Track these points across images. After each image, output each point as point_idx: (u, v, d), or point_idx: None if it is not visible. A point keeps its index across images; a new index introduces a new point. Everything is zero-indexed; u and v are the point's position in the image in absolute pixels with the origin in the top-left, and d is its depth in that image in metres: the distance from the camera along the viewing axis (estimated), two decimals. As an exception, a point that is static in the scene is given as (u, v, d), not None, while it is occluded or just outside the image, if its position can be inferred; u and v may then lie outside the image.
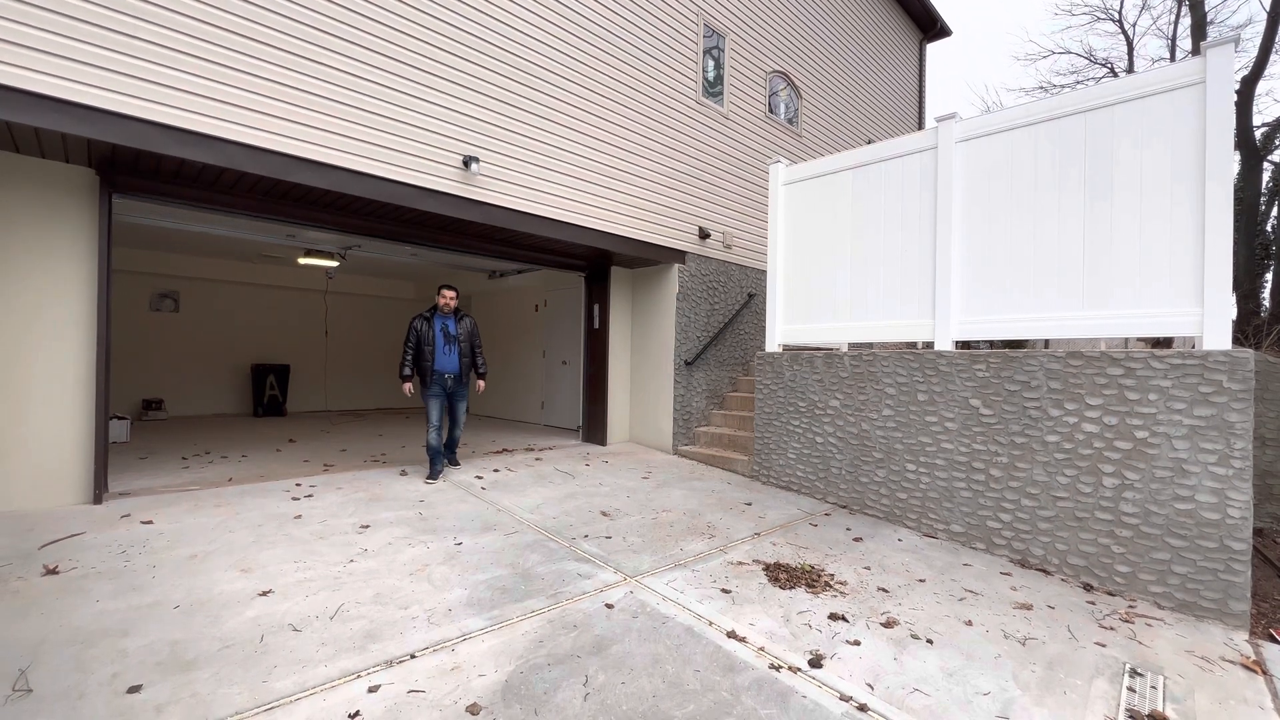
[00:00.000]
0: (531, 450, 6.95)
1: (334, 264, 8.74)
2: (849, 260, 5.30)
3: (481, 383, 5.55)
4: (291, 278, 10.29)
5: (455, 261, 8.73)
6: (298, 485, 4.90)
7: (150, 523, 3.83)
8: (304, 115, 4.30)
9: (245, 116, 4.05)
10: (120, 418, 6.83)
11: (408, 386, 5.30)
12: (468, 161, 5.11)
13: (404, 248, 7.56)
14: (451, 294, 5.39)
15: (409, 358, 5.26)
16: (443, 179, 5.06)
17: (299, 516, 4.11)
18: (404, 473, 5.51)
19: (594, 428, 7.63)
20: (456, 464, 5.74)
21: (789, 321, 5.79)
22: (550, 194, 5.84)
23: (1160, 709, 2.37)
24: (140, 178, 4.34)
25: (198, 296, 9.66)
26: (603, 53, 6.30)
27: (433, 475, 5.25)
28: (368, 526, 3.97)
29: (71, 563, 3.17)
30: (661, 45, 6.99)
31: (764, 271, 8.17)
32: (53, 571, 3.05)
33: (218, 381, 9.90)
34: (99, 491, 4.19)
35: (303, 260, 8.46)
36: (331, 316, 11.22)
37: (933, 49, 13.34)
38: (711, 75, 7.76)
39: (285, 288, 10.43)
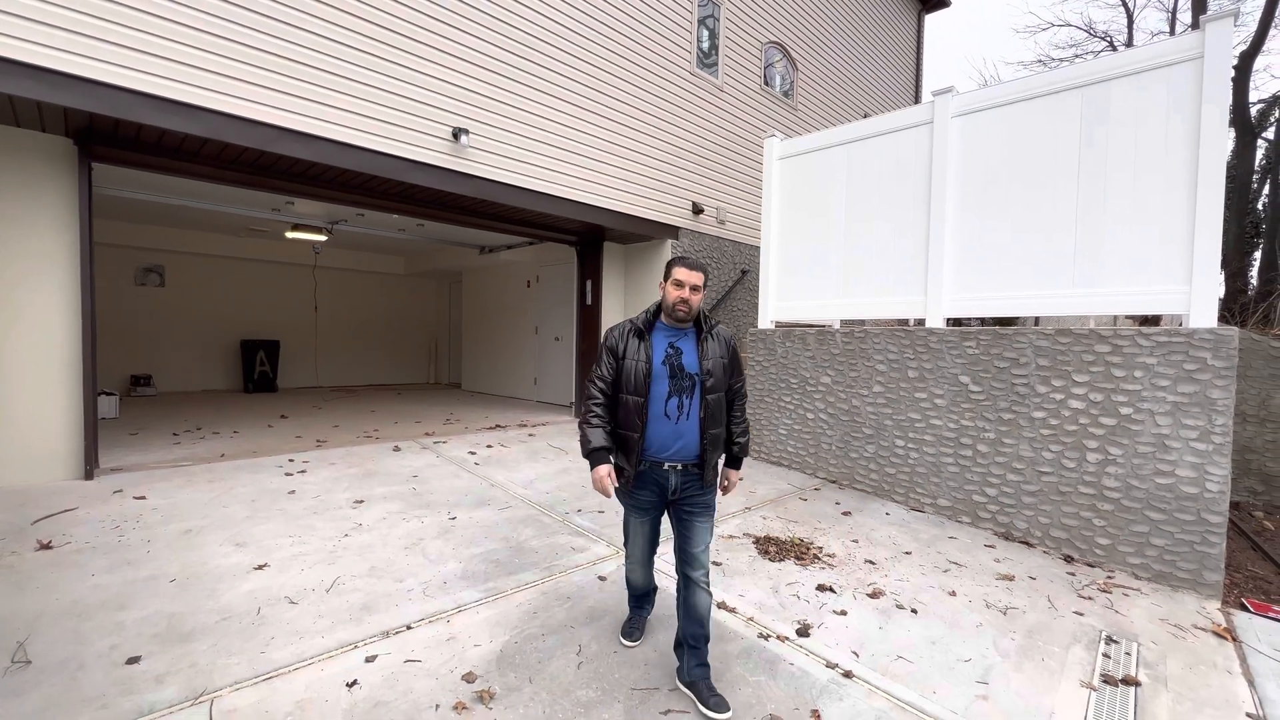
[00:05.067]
0: (524, 426, 6.98)
1: (322, 238, 8.61)
2: (843, 236, 5.28)
3: (736, 475, 2.53)
4: (279, 252, 10.14)
5: (445, 235, 8.63)
6: (291, 461, 4.90)
7: (143, 498, 3.84)
8: (290, 85, 4.19)
9: (229, 85, 3.94)
10: (108, 393, 6.78)
11: (603, 472, 2.24)
12: (457, 133, 5.01)
13: (393, 221, 7.47)
14: (695, 280, 2.33)
15: (596, 409, 2.33)
16: (432, 151, 4.96)
17: (293, 492, 4.12)
18: (397, 448, 5.52)
19: (587, 404, 7.64)
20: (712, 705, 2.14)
21: (782, 298, 5.79)
22: (541, 167, 5.75)
23: (1134, 674, 2.46)
24: (120, 148, 4.22)
25: (184, 271, 9.50)
26: (595, 21, 6.15)
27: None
28: (362, 501, 4.00)
29: (65, 538, 3.18)
30: (654, 13, 6.82)
31: (758, 247, 8.13)
32: (46, 546, 3.06)
33: (207, 357, 9.81)
34: (90, 467, 4.18)
35: (290, 234, 8.33)
36: (321, 291, 11.10)
37: (931, 20, 13.11)
38: (706, 45, 7.60)
39: (273, 262, 10.28)
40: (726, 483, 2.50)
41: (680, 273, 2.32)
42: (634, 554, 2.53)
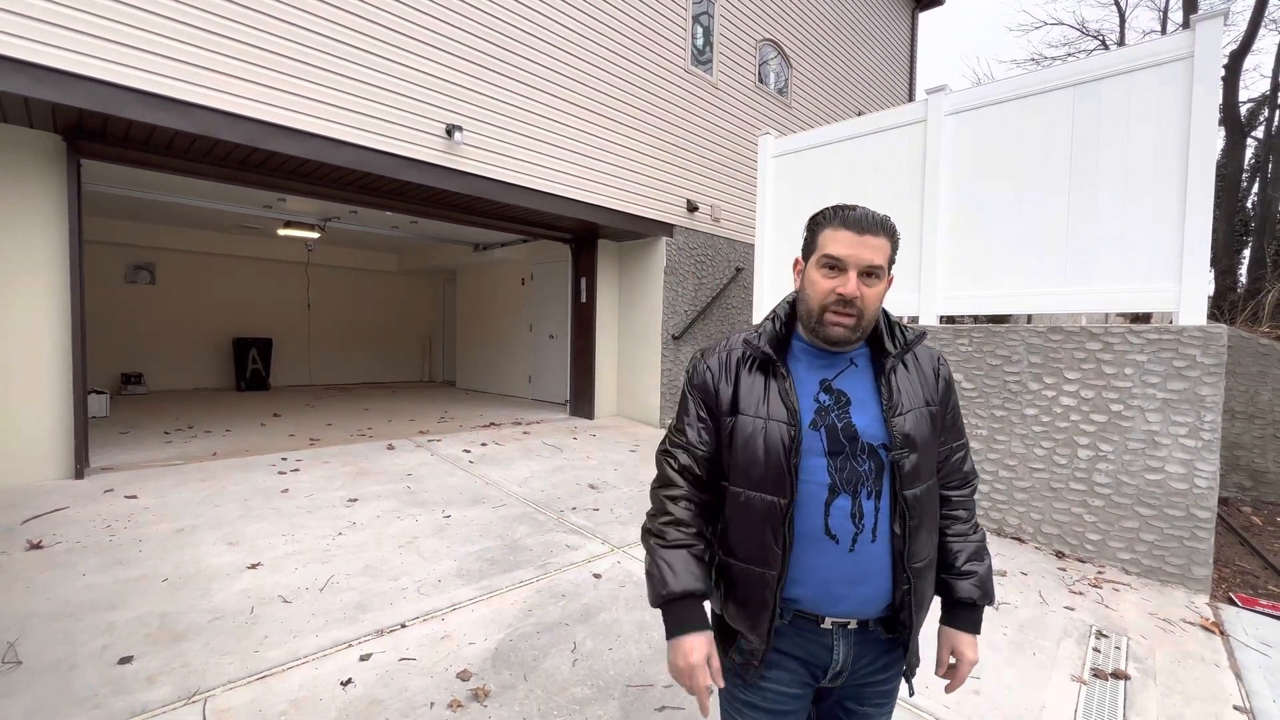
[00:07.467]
0: (519, 424, 6.97)
1: (314, 236, 8.56)
2: (837, 234, 5.28)
3: (971, 645, 1.17)
4: (271, 249, 10.06)
5: (439, 233, 8.60)
6: (283, 459, 4.88)
7: (134, 497, 3.81)
8: (281, 80, 4.15)
9: (219, 81, 3.90)
10: (99, 392, 6.72)
11: (701, 649, 1.05)
12: (450, 130, 4.99)
13: (386, 218, 7.44)
14: (869, 254, 1.09)
15: (677, 509, 1.14)
16: (425, 148, 4.93)
17: (286, 490, 4.10)
18: (391, 447, 5.50)
19: (581, 402, 7.65)
20: None
21: (777, 296, 5.79)
22: (535, 164, 5.73)
23: (1123, 668, 2.48)
24: (109, 144, 4.18)
25: (175, 268, 9.43)
26: (589, 18, 6.13)
27: None
28: (356, 500, 3.98)
29: (55, 538, 3.15)
30: (648, 10, 6.80)
31: (752, 245, 8.13)
32: (36, 546, 3.03)
33: (198, 355, 9.74)
34: (80, 466, 4.14)
35: (282, 232, 8.27)
36: (314, 289, 11.03)
37: (925, 18, 13.14)
38: (700, 42, 7.59)
39: (265, 259, 10.20)
40: (956, 659, 1.21)
41: (839, 239, 1.11)
42: None
